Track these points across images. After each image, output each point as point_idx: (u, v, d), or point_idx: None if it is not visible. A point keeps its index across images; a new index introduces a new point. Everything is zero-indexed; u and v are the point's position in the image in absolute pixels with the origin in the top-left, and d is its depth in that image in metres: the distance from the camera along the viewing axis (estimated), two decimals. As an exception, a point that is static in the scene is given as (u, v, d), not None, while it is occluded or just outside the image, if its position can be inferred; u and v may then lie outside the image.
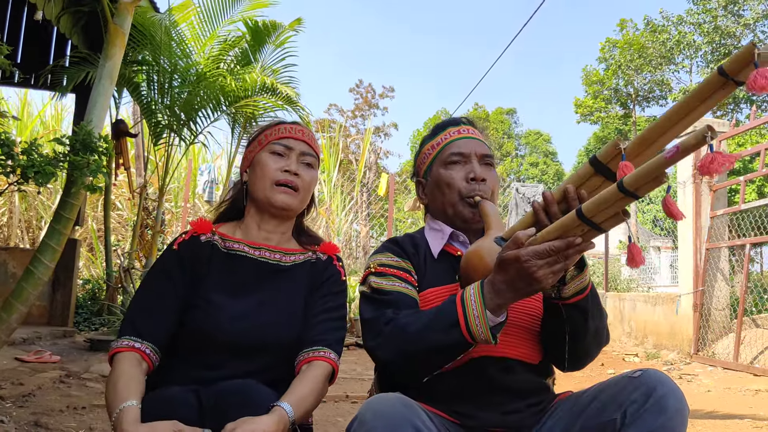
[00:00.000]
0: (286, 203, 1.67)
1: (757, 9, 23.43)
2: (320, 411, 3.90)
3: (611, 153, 1.26)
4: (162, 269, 1.65)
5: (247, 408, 1.33)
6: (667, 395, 1.29)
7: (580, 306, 1.43)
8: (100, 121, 4.24)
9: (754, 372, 6.11)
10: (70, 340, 6.10)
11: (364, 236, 15.80)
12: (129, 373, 1.44)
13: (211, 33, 7.04)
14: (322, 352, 1.57)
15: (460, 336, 1.31)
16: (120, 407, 1.33)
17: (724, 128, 7.63)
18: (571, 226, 1.21)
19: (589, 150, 35.72)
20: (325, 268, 1.75)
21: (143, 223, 7.46)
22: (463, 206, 1.63)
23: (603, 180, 1.29)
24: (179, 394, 1.41)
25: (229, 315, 1.57)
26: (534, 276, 1.23)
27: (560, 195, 1.31)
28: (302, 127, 1.77)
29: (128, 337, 1.52)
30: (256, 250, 1.70)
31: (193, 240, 1.69)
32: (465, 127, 1.74)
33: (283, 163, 1.68)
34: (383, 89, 30.83)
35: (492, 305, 1.29)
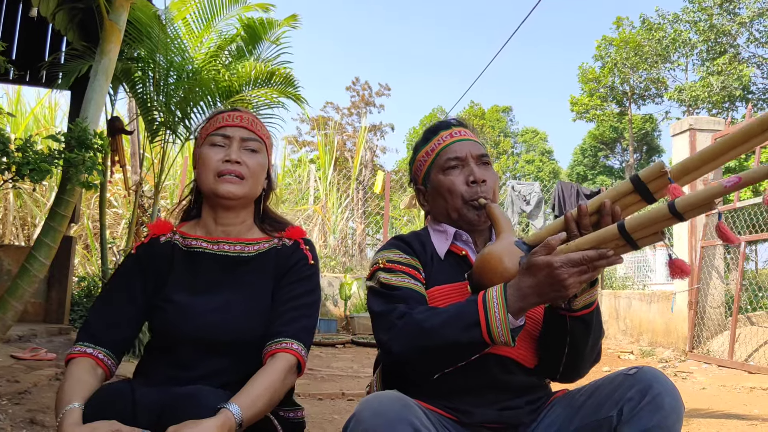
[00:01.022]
0: (231, 192, 1.62)
1: (753, 7, 23.46)
2: (316, 408, 3.90)
3: (654, 174, 1.27)
4: (121, 275, 1.66)
5: (196, 410, 1.32)
6: (663, 393, 1.30)
7: (585, 320, 1.44)
8: (96, 118, 4.22)
9: (748, 369, 6.13)
10: (65, 337, 6.08)
11: (360, 234, 15.80)
12: (76, 377, 1.45)
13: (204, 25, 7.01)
14: (285, 343, 1.53)
15: (479, 336, 1.31)
16: (63, 410, 1.35)
17: (719, 126, 7.65)
18: (609, 239, 1.23)
19: (585, 148, 35.75)
20: (290, 254, 1.70)
21: (138, 220, 7.44)
22: (467, 210, 1.62)
23: (638, 199, 1.31)
24: (116, 388, 1.42)
25: (194, 313, 1.56)
26: (563, 283, 1.24)
27: (595, 208, 1.32)
28: (241, 113, 1.73)
29: (82, 343, 1.53)
30: (215, 245, 1.67)
31: (152, 242, 1.68)
32: (457, 129, 1.73)
33: (222, 154, 1.64)
34: (380, 87, 30.73)
35: (515, 308, 1.30)
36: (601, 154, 35.52)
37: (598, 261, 1.22)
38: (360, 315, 8.86)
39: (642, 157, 34.02)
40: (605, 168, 35.60)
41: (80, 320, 7.03)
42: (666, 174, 1.25)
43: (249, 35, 7.25)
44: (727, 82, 23.35)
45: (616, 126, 32.21)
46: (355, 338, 8.18)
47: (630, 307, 8.84)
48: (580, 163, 35.90)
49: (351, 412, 1.27)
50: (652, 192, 1.28)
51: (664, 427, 1.27)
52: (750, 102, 22.14)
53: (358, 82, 30.32)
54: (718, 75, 23.60)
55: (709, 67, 24.48)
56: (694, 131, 7.57)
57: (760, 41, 24.23)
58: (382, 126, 30.33)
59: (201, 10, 6.92)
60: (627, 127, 31.27)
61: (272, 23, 7.13)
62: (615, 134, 33.42)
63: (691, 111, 25.05)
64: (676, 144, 8.03)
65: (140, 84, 6.94)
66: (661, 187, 1.27)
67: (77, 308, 7.25)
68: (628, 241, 1.22)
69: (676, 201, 1.17)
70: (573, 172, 35.69)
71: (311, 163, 17.45)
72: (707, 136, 7.53)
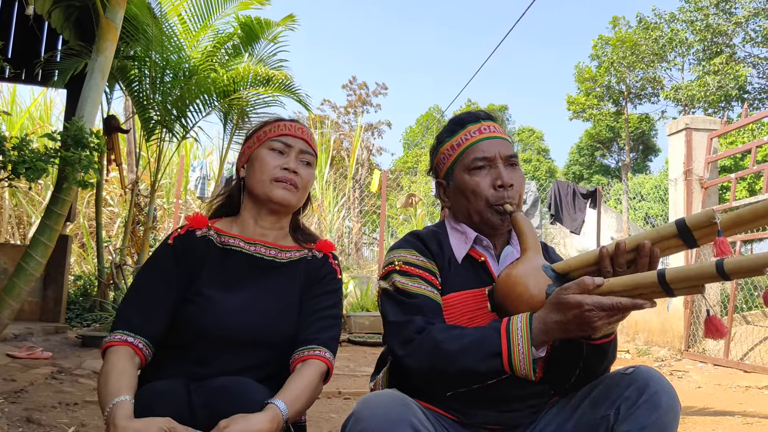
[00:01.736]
0: (285, 199, 1.66)
1: (749, 7, 23.52)
2: (313, 408, 3.89)
3: (703, 223, 1.23)
4: (156, 263, 1.65)
5: (240, 405, 1.32)
6: (659, 392, 1.30)
7: (602, 348, 1.41)
8: (92, 117, 4.21)
9: (744, 368, 6.15)
10: (62, 336, 6.08)
11: (356, 233, 15.80)
12: (121, 367, 1.44)
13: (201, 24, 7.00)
14: (318, 350, 1.56)
15: (500, 366, 1.29)
16: (113, 402, 1.33)
17: (715, 126, 7.66)
18: (646, 285, 1.19)
19: (581, 147, 35.80)
20: (320, 266, 1.74)
21: (135, 219, 7.43)
22: (491, 214, 1.55)
23: (680, 243, 1.27)
24: (170, 387, 1.41)
25: (222, 310, 1.57)
26: (592, 325, 1.22)
27: (633, 246, 1.29)
28: (301, 125, 1.77)
29: (121, 331, 1.52)
30: (252, 246, 1.69)
31: (189, 234, 1.68)
32: (486, 125, 1.63)
33: (282, 161, 1.68)
34: (376, 86, 30.75)
35: (538, 341, 1.28)
36: (597, 153, 35.58)
37: (630, 309, 1.20)
38: (356, 314, 8.85)
39: (638, 157, 34.09)
40: (602, 167, 35.66)
41: (76, 319, 7.03)
42: (716, 225, 1.20)
43: (246, 34, 7.24)
44: (724, 82, 23.40)
45: (613, 125, 32.25)
46: (352, 337, 8.18)
47: (626, 306, 8.85)
48: (576, 162, 35.95)
49: (348, 411, 1.27)
50: (697, 239, 1.25)
51: (661, 426, 1.28)
52: (746, 102, 22.19)
53: (355, 81, 30.32)
54: (715, 74, 23.65)
55: (705, 66, 24.54)
56: (690, 131, 7.58)
57: (756, 41, 24.29)
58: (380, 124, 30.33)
59: (197, 8, 6.90)
60: (623, 127, 31.32)
61: (269, 23, 7.13)
62: (611, 133, 33.47)
63: (688, 110, 25.11)
64: (672, 143, 8.04)
65: (136, 82, 6.93)
66: (707, 235, 1.23)
67: (73, 307, 7.24)
68: (665, 290, 1.18)
69: (725, 262, 1.12)
70: (569, 171, 35.74)
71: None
72: (703, 135, 7.55)
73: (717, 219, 1.20)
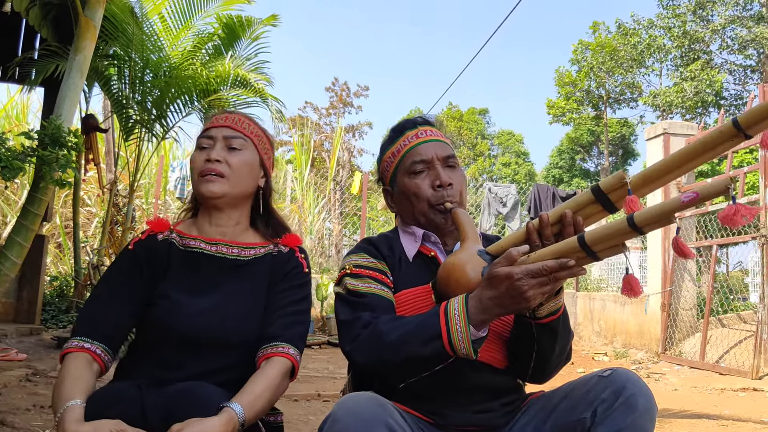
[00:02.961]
0: (211, 191, 1.63)
1: (725, 15, 23.88)
2: (292, 410, 3.89)
3: (615, 185, 1.27)
4: (117, 269, 1.65)
5: (197, 409, 1.31)
6: (636, 394, 1.31)
7: (551, 326, 1.44)
8: (70, 116, 4.16)
9: (719, 371, 6.24)
10: (37, 337, 5.99)
11: (337, 234, 15.77)
12: (75, 372, 1.44)
13: (183, 25, 6.95)
14: (281, 347, 1.54)
15: (441, 348, 1.30)
16: (64, 406, 1.33)
17: (693, 131, 7.77)
18: (569, 251, 1.23)
19: (562, 150, 36.07)
20: (286, 261, 1.71)
21: (113, 219, 7.36)
22: (434, 214, 1.61)
23: (600, 209, 1.31)
24: (122, 390, 1.41)
25: (187, 312, 1.56)
26: (524, 295, 1.23)
27: (556, 218, 1.32)
28: (227, 114, 1.75)
29: (78, 337, 1.52)
30: (213, 246, 1.67)
31: (150, 239, 1.68)
32: (423, 129, 1.69)
33: (206, 155, 1.66)
34: (358, 88, 30.68)
35: (476, 320, 1.29)
36: (577, 157, 35.88)
37: (558, 272, 1.22)
38: (336, 316, 8.84)
39: (618, 161, 34.42)
40: (581, 171, 35.96)
41: (52, 320, 6.94)
42: (626, 185, 1.25)
43: (227, 34, 7.20)
44: (700, 88, 23.73)
45: (594, 129, 32.56)
46: (331, 339, 8.16)
47: (604, 308, 8.94)
48: (556, 165, 36.22)
49: (327, 413, 1.26)
50: (614, 202, 1.29)
51: (637, 428, 1.29)
52: (722, 108, 22.52)
53: (338, 83, 30.27)
54: (692, 81, 23.97)
55: (682, 72, 24.86)
56: (668, 136, 7.68)
57: (733, 48, 24.67)
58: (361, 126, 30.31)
59: (178, 7, 6.84)
60: (603, 131, 31.63)
61: (251, 22, 7.08)
62: (592, 137, 33.78)
63: (665, 116, 25.41)
64: (650, 148, 8.14)
65: (115, 81, 6.86)
66: (622, 196, 1.27)
67: (49, 308, 7.15)
68: (589, 254, 1.21)
69: (635, 215, 1.17)
70: (549, 175, 35.99)
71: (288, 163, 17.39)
72: (681, 140, 7.64)
73: (627, 179, 1.25)
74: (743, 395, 5.16)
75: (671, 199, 1.15)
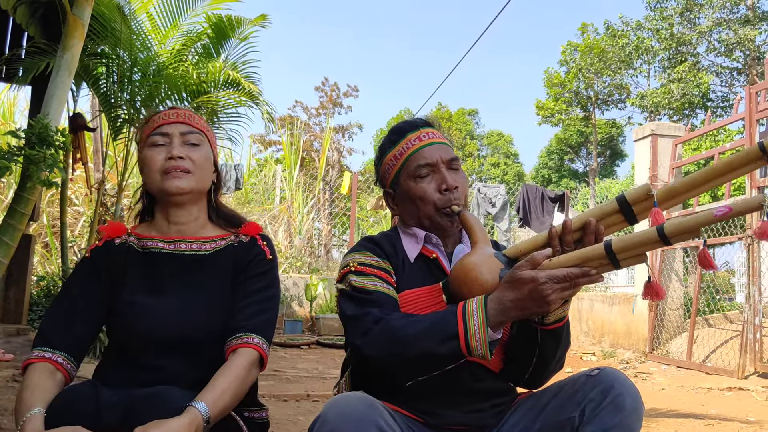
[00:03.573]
0: (179, 187, 1.61)
1: (712, 17, 24.06)
2: (281, 410, 3.88)
3: (641, 197, 1.31)
4: (76, 279, 1.64)
5: (161, 411, 1.30)
6: (623, 393, 1.33)
7: (556, 333, 1.45)
8: (58, 115, 4.13)
9: (706, 370, 6.28)
10: (24, 338, 5.94)
11: (326, 235, 15.76)
12: (35, 382, 1.44)
13: (171, 24, 6.91)
14: (246, 338, 1.53)
15: (457, 348, 1.30)
16: (24, 417, 1.33)
17: (680, 132, 7.82)
18: (593, 257, 1.24)
19: (551, 151, 36.20)
20: (248, 250, 1.69)
21: (101, 219, 7.31)
22: (440, 217, 1.60)
23: (621, 219, 1.35)
24: (76, 388, 1.42)
25: (151, 314, 1.55)
26: (546, 299, 1.24)
27: (580, 225, 1.34)
28: (177, 109, 1.72)
29: (39, 348, 1.52)
30: (171, 244, 1.66)
31: (107, 245, 1.66)
32: (425, 132, 1.68)
33: (165, 152, 1.63)
34: (348, 88, 30.66)
35: (494, 322, 1.29)
36: (566, 158, 36.03)
37: (581, 279, 1.24)
38: (325, 316, 8.83)
39: (606, 162, 34.60)
40: (570, 171, 36.11)
41: (39, 321, 6.89)
42: (652, 197, 1.28)
43: (216, 33, 7.16)
44: (687, 90, 23.90)
45: (582, 130, 32.71)
46: (321, 339, 8.15)
47: (592, 309, 8.98)
48: (545, 165, 36.34)
49: (316, 414, 1.27)
50: (636, 214, 1.32)
51: (625, 427, 1.30)
52: (709, 109, 22.69)
53: (327, 83, 30.23)
54: (679, 82, 24.14)
55: (670, 74, 25.02)
56: (656, 137, 7.73)
57: (719, 51, 24.85)
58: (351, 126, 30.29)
59: (166, 6, 6.81)
60: (592, 132, 31.79)
61: (240, 21, 7.06)
62: (581, 138, 33.94)
63: (653, 117, 25.57)
64: (638, 149, 8.19)
65: (103, 80, 6.81)
66: (646, 209, 1.31)
67: (36, 308, 7.09)
68: (612, 261, 1.23)
69: (665, 225, 1.20)
70: (538, 175, 36.12)
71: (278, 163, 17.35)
72: (668, 141, 7.70)
73: (653, 191, 1.29)
74: (729, 394, 5.20)
75: (703, 212, 1.17)
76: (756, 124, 6.24)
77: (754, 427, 3.90)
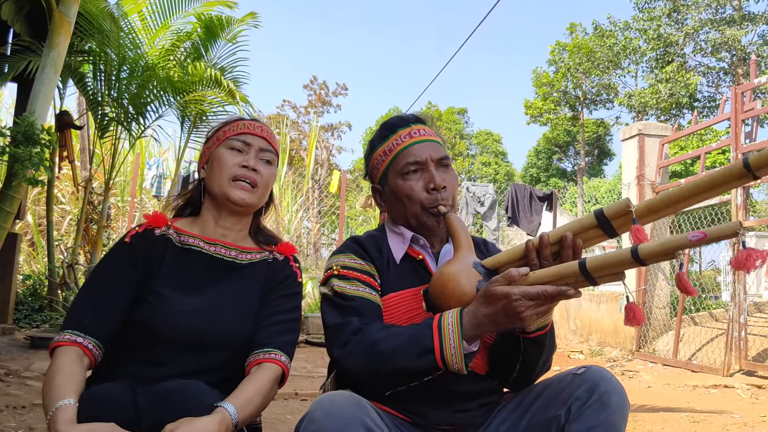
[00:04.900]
0: (243, 199, 1.64)
1: (698, 17, 24.23)
2: (269, 409, 3.87)
3: (620, 211, 1.29)
4: (111, 262, 1.61)
5: (189, 408, 1.30)
6: (609, 392, 1.34)
7: (538, 341, 1.45)
8: (44, 113, 4.11)
9: (691, 368, 6.33)
10: (9, 337, 5.90)
11: (315, 233, 15.74)
12: (68, 368, 1.40)
13: (162, 23, 6.88)
14: (273, 354, 1.55)
15: (433, 362, 1.30)
16: (56, 405, 1.29)
17: (667, 132, 7.87)
18: (569, 275, 1.23)
19: (539, 150, 36.34)
20: (281, 269, 1.72)
21: (88, 217, 7.27)
22: (427, 217, 1.59)
23: (600, 233, 1.33)
24: (116, 390, 1.37)
25: (178, 310, 1.54)
26: (520, 315, 1.24)
27: (556, 239, 1.33)
28: (261, 124, 1.75)
29: (71, 330, 1.47)
30: (212, 246, 1.67)
31: (147, 233, 1.65)
32: (416, 128, 1.65)
33: (241, 159, 1.66)
34: (337, 86, 30.69)
35: (469, 336, 1.29)
36: (555, 157, 36.18)
37: (556, 297, 1.23)
38: (314, 315, 8.81)
39: (594, 161, 34.77)
40: (558, 170, 36.27)
41: (25, 320, 6.84)
42: (631, 213, 1.27)
43: (206, 32, 7.14)
44: (675, 90, 24.08)
45: (570, 129, 32.86)
46: (309, 338, 8.14)
47: (580, 307, 9.03)
48: (533, 165, 36.48)
49: (304, 412, 1.26)
50: (615, 228, 1.31)
51: (610, 425, 1.31)
52: (696, 109, 22.86)
53: (316, 81, 30.19)
54: (666, 82, 24.31)
55: (657, 74, 25.19)
56: (643, 136, 7.78)
57: (706, 51, 25.04)
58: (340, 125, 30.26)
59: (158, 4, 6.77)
60: (579, 131, 31.93)
61: (230, 20, 7.04)
62: (569, 137, 34.09)
63: (641, 117, 25.73)
64: (625, 149, 8.24)
65: (90, 78, 6.77)
66: (624, 224, 1.29)
67: (22, 307, 7.03)
68: (587, 279, 1.23)
69: (639, 248, 1.18)
70: (527, 174, 36.26)
71: (267, 161, 17.26)
72: (655, 141, 7.75)
73: (632, 207, 1.27)
74: (715, 392, 5.25)
75: (678, 236, 1.16)
76: (741, 125, 6.29)
77: (738, 424, 3.93)
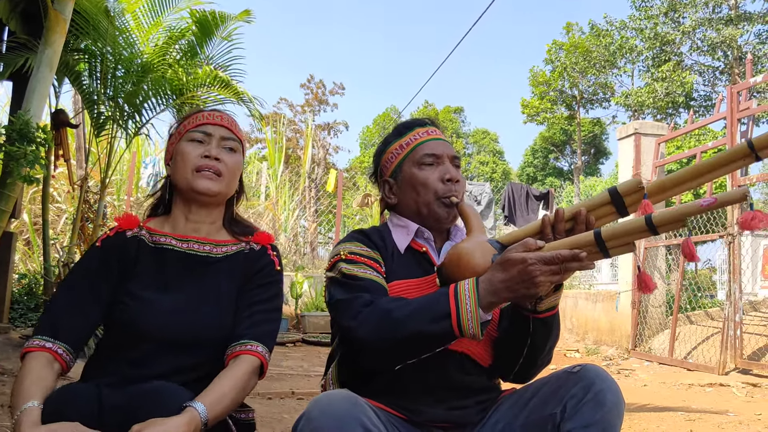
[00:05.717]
0: (208, 188, 1.63)
1: (695, 17, 24.28)
2: (266, 408, 3.87)
3: (632, 189, 1.36)
4: (83, 267, 1.62)
5: (160, 408, 1.30)
6: (604, 390, 1.34)
7: (547, 322, 1.47)
8: (39, 111, 4.09)
9: (687, 367, 6.35)
10: (4, 336, 5.88)
11: (312, 232, 15.73)
12: (36, 373, 1.41)
13: (155, 21, 6.86)
14: (250, 345, 1.54)
15: (449, 328, 1.30)
16: (21, 408, 1.31)
17: (663, 131, 7.89)
18: (584, 244, 1.27)
19: (536, 149, 36.39)
20: (258, 259, 1.70)
21: (84, 216, 7.24)
22: (438, 206, 1.64)
23: (613, 210, 1.39)
24: (80, 388, 1.39)
25: (157, 310, 1.54)
26: (534, 280, 1.25)
27: (571, 215, 1.39)
28: (221, 113, 1.76)
29: (41, 336, 1.49)
30: (184, 243, 1.66)
31: (118, 236, 1.65)
32: (432, 129, 1.75)
33: (202, 150, 1.65)
34: (334, 86, 30.63)
35: (485, 302, 1.30)
36: (551, 156, 36.24)
37: (570, 262, 1.24)
38: (311, 314, 8.81)
39: (590, 160, 34.84)
40: (555, 169, 36.33)
41: (20, 319, 6.82)
42: (642, 190, 1.33)
43: (200, 30, 7.11)
44: (671, 89, 24.13)
45: (567, 129, 32.90)
46: (306, 337, 8.14)
47: (576, 306, 9.04)
48: (530, 164, 36.54)
49: (301, 412, 1.26)
50: (627, 206, 1.36)
51: (605, 423, 1.31)
52: (692, 108, 22.89)
53: (313, 80, 30.16)
54: (663, 81, 24.36)
55: (654, 73, 25.25)
56: (639, 135, 7.79)
57: (702, 50, 25.09)
58: (337, 124, 30.24)
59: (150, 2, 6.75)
60: (576, 130, 31.98)
61: (224, 17, 7.00)
62: (565, 137, 34.14)
63: (637, 116, 25.78)
64: (621, 147, 8.25)
65: (85, 76, 6.74)
66: (636, 201, 1.35)
67: (17, 306, 7.02)
68: (601, 249, 1.27)
69: (653, 215, 1.24)
70: (523, 173, 36.31)
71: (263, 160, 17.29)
72: (651, 140, 7.76)
73: (644, 184, 1.33)
74: (710, 390, 5.26)
75: (691, 203, 1.21)
76: (737, 124, 6.30)
77: (733, 422, 3.95)
